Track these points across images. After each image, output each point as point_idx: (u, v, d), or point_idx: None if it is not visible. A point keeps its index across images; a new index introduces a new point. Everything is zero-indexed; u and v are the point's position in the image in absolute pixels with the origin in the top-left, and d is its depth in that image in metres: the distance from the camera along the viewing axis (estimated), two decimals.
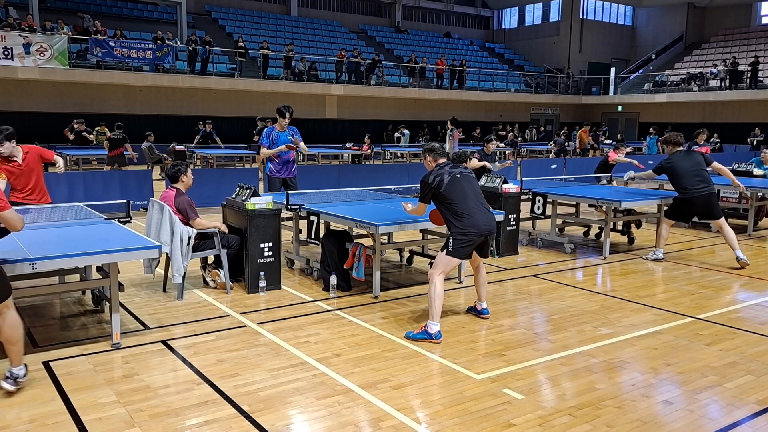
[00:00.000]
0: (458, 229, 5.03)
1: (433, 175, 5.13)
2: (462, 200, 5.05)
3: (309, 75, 25.69)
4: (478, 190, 5.25)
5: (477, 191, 5.22)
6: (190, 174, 6.30)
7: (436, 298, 4.91)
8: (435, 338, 4.85)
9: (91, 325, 5.21)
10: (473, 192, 5.16)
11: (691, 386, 4.10)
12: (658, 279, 7.01)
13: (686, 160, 7.72)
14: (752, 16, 35.00)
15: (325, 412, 3.68)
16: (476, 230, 5.04)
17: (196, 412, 3.66)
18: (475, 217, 5.04)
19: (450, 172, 5.13)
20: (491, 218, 5.22)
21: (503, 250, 7.95)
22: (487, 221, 5.13)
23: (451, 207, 5.06)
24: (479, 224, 5.04)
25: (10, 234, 5.05)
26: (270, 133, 8.02)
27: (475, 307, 5.53)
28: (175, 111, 23.51)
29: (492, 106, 31.46)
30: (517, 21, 39.85)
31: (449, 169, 5.16)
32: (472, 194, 5.14)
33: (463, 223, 5.02)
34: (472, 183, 5.21)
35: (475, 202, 5.12)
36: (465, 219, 5.02)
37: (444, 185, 5.06)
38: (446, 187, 5.05)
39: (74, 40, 21.21)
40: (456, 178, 5.11)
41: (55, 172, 7.22)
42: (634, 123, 32.82)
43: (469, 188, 5.14)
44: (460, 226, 5.02)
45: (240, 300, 5.92)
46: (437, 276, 4.99)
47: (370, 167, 17.21)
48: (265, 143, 7.99)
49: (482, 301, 5.50)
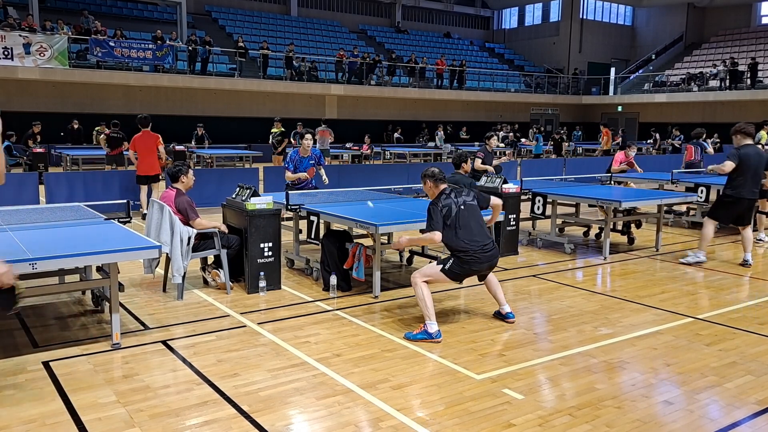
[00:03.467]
0: (458, 258, 5.06)
1: (441, 204, 5.13)
2: (469, 235, 5.06)
3: (309, 75, 25.69)
4: (482, 221, 5.25)
5: (480, 222, 5.21)
6: (191, 175, 6.30)
7: (426, 298, 4.95)
8: (435, 337, 4.85)
9: (91, 325, 5.21)
10: (477, 225, 5.15)
11: (690, 386, 4.10)
12: (658, 279, 7.01)
13: (755, 158, 7.23)
14: (752, 16, 35.00)
15: (325, 412, 3.68)
16: (477, 266, 5.09)
17: (196, 412, 3.66)
18: (479, 252, 5.05)
19: (456, 201, 5.15)
20: (495, 252, 5.21)
21: (503, 250, 7.95)
22: (490, 257, 5.14)
23: (459, 238, 5.06)
24: (483, 259, 5.07)
25: (10, 234, 5.06)
26: (293, 158, 8.11)
27: (500, 312, 5.47)
28: (175, 111, 23.51)
29: (492, 106, 31.46)
30: (517, 21, 39.86)
31: (455, 198, 5.16)
32: (476, 226, 5.14)
33: (468, 258, 5.03)
34: (475, 214, 5.20)
35: (480, 234, 5.12)
36: (469, 254, 5.03)
37: (452, 216, 5.09)
38: (453, 217, 5.08)
39: (74, 40, 21.21)
40: (461, 209, 5.12)
41: (55, 172, 7.19)
42: (634, 123, 32.83)
43: (473, 221, 5.14)
44: (464, 258, 5.04)
45: (240, 300, 5.92)
46: (420, 281, 5.05)
47: (370, 167, 17.21)
48: (290, 168, 8.08)
49: (504, 305, 5.44)
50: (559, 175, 15.76)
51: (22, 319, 5.31)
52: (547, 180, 10.82)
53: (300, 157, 8.11)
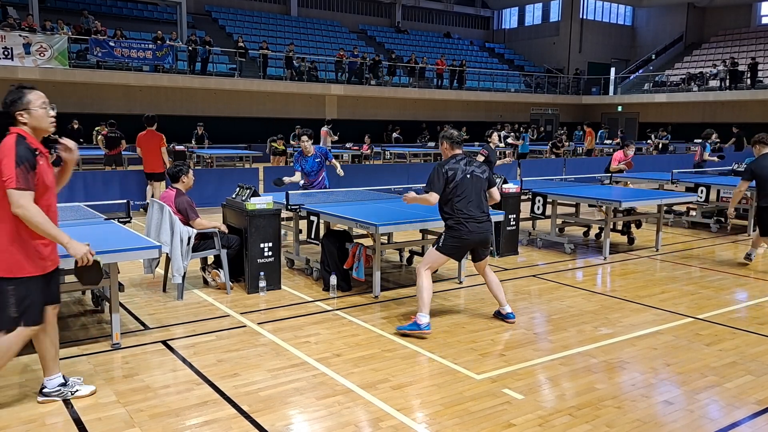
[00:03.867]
0: (452, 229, 5.06)
1: (448, 166, 5.08)
2: (464, 203, 5.04)
3: (309, 75, 25.69)
4: (481, 196, 5.20)
5: (481, 195, 5.18)
6: (191, 175, 6.30)
7: (424, 291, 4.98)
8: (424, 329, 4.87)
9: (91, 325, 5.21)
10: (477, 196, 5.13)
11: (690, 386, 4.10)
12: (657, 279, 7.01)
13: None
14: (752, 16, 35.00)
15: (325, 412, 3.67)
16: (469, 235, 5.05)
17: (196, 412, 3.66)
18: (472, 221, 5.04)
19: (464, 169, 5.09)
20: (488, 227, 5.18)
21: (503, 250, 7.95)
22: (482, 229, 5.10)
23: (453, 203, 5.05)
24: (474, 229, 5.05)
25: None
26: (298, 159, 8.11)
27: (500, 312, 5.44)
28: (175, 111, 23.50)
29: (492, 106, 31.45)
30: (517, 21, 39.86)
31: (464, 165, 5.11)
32: (476, 198, 5.11)
33: (459, 224, 5.03)
34: (479, 185, 5.16)
35: (476, 206, 5.09)
36: (461, 221, 5.03)
37: (456, 180, 5.03)
38: (457, 183, 5.03)
39: (74, 40, 21.21)
40: (467, 178, 5.07)
41: None
42: (634, 123, 32.83)
43: (474, 192, 5.10)
44: (455, 226, 5.04)
45: (240, 300, 5.92)
46: (423, 270, 5.08)
47: (370, 167, 17.20)
48: (297, 168, 8.12)
49: (504, 306, 5.40)
50: (559, 175, 15.77)
51: None
52: (547, 180, 10.82)
53: (304, 158, 8.09)
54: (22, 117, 3.39)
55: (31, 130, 3.43)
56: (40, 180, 3.36)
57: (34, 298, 3.44)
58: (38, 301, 3.47)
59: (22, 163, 3.25)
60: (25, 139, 3.36)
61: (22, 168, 3.24)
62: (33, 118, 3.41)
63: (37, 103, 3.42)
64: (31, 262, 3.39)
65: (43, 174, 3.38)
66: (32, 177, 3.28)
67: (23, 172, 3.24)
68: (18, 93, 3.42)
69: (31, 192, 3.28)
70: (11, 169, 3.23)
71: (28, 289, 3.40)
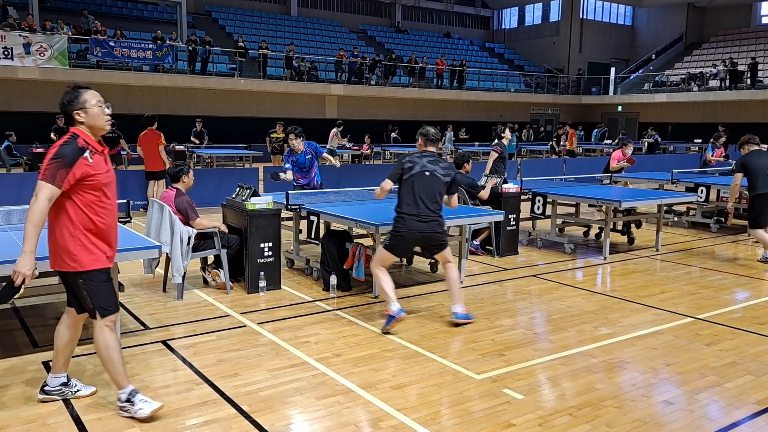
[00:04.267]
0: (394, 224, 5.14)
1: (409, 158, 5.11)
2: (411, 197, 5.02)
3: (309, 75, 25.69)
4: (435, 195, 5.07)
5: (432, 195, 5.06)
6: (191, 175, 6.31)
7: (384, 285, 5.10)
8: (398, 314, 4.92)
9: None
10: (427, 194, 5.03)
11: (690, 386, 4.10)
12: (657, 279, 7.02)
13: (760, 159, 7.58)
14: (752, 16, 35.00)
15: (325, 412, 3.68)
16: (407, 232, 5.07)
17: (196, 412, 3.66)
18: (412, 218, 5.03)
19: (424, 165, 5.06)
20: (434, 226, 5.07)
21: (503, 250, 7.96)
22: (424, 228, 5.04)
23: (401, 196, 5.09)
24: (414, 227, 5.03)
25: (10, 234, 5.07)
26: (289, 158, 8.01)
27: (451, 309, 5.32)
28: (175, 111, 23.49)
29: (492, 106, 31.45)
30: (517, 21, 39.86)
31: (426, 162, 5.08)
32: (425, 196, 5.03)
33: (399, 220, 5.09)
34: (433, 185, 5.07)
35: (422, 203, 5.01)
36: (403, 216, 5.07)
37: (411, 173, 5.03)
38: (412, 175, 5.03)
39: (74, 40, 21.20)
40: (424, 174, 5.04)
41: None
42: (634, 123, 32.84)
43: (426, 189, 5.03)
44: (395, 222, 5.12)
45: (240, 300, 5.92)
46: (375, 268, 5.21)
47: (370, 167, 17.20)
48: (288, 167, 8.00)
49: (454, 304, 5.23)
50: (559, 175, 15.77)
51: (22, 319, 5.31)
52: (547, 180, 10.83)
53: (295, 156, 8.03)
54: (79, 116, 3.44)
55: (88, 129, 3.47)
56: (89, 176, 3.36)
57: (104, 289, 3.48)
58: (107, 291, 3.51)
59: (58, 159, 3.29)
60: (78, 137, 3.39)
61: (56, 163, 3.27)
62: (89, 117, 3.45)
63: (92, 101, 3.45)
64: (90, 255, 3.42)
65: (93, 171, 3.38)
66: (64, 174, 3.27)
67: (54, 167, 3.27)
68: (74, 93, 3.47)
69: (53, 188, 3.27)
70: (47, 162, 3.30)
71: (94, 282, 3.45)
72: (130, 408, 3.56)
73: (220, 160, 20.19)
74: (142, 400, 3.58)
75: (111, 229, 3.54)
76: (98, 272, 3.46)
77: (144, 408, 3.54)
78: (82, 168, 3.33)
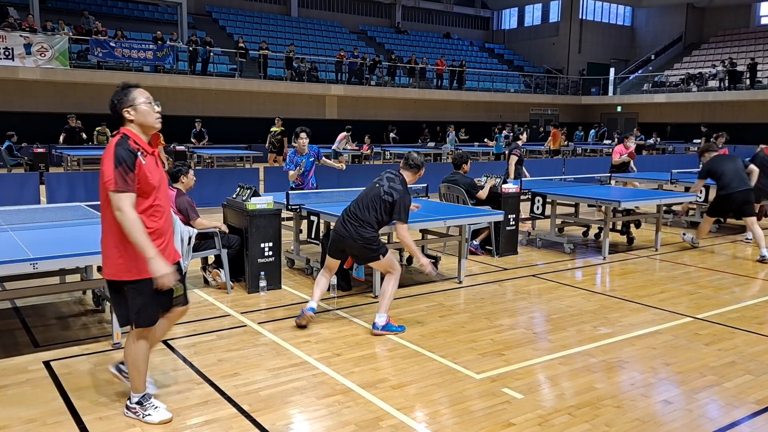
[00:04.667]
0: None
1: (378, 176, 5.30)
2: (352, 203, 5.20)
3: (309, 75, 25.70)
4: (369, 204, 5.05)
5: (366, 204, 5.07)
6: (191, 175, 6.31)
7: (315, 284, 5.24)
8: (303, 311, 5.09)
9: (92, 324, 5.22)
10: (361, 201, 5.13)
11: (690, 386, 4.11)
12: (657, 279, 7.03)
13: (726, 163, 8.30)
14: (751, 16, 35.02)
15: (325, 412, 3.69)
16: (333, 232, 5.24)
17: (197, 411, 3.67)
18: (339, 221, 5.16)
19: (380, 181, 5.20)
20: (351, 233, 4.98)
21: (503, 250, 7.97)
22: (340, 231, 5.07)
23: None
24: (337, 228, 5.15)
25: (11, 234, 5.08)
26: (293, 159, 8.06)
27: None
28: (175, 111, 23.46)
29: (492, 107, 31.47)
30: (516, 21, 39.88)
31: (385, 179, 5.19)
32: (359, 201, 5.16)
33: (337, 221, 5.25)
34: (372, 193, 5.10)
35: (352, 207, 5.15)
36: (338, 218, 5.24)
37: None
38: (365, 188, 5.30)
39: (75, 41, 21.22)
40: (373, 186, 5.21)
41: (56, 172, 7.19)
42: (634, 123, 32.86)
43: (364, 196, 5.17)
44: None
45: (240, 300, 5.93)
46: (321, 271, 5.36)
47: (370, 167, 17.21)
48: (291, 168, 8.01)
49: (378, 314, 5.03)
50: (558, 175, 15.77)
51: (23, 318, 5.32)
52: (546, 180, 10.83)
53: (300, 158, 8.07)
54: (129, 114, 3.37)
55: (138, 128, 3.41)
56: (144, 180, 3.29)
57: (146, 301, 3.37)
58: (150, 303, 3.40)
59: (120, 165, 3.20)
60: (129, 138, 3.33)
61: (120, 170, 3.19)
62: (139, 114, 3.38)
63: (141, 99, 3.39)
64: (138, 265, 3.29)
65: (147, 173, 3.31)
66: (131, 178, 3.23)
67: (121, 174, 3.19)
68: (123, 91, 3.40)
69: (130, 194, 3.22)
70: (110, 171, 3.20)
71: (138, 292, 3.35)
72: (138, 410, 3.51)
73: (220, 161, 20.20)
74: (154, 406, 3.54)
75: (164, 234, 3.43)
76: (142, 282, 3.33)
77: (153, 415, 3.49)
78: (139, 169, 3.26)
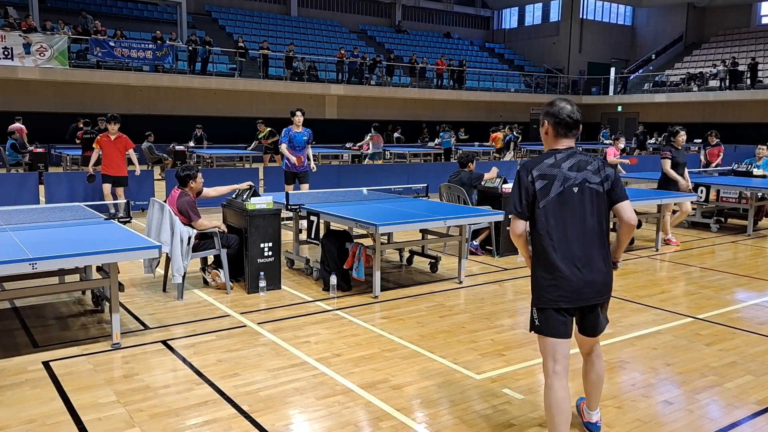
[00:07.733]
0: None
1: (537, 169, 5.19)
2: (561, 233, 4.89)
3: (309, 75, 25.69)
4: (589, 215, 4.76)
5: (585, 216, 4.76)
6: (200, 179, 6.31)
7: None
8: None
9: (91, 325, 5.21)
10: (574, 220, 4.81)
11: (690, 386, 4.10)
12: (657, 279, 7.02)
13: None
14: (752, 16, 34.99)
15: (325, 412, 3.68)
16: (569, 290, 4.71)
17: (196, 412, 3.66)
18: (567, 265, 4.67)
19: (564, 178, 4.84)
20: (598, 269, 4.65)
21: (503, 249, 7.95)
22: (587, 276, 4.73)
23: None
24: (570, 277, 4.49)
25: (10, 234, 5.07)
26: (288, 133, 8.91)
27: None
28: (175, 111, 23.51)
29: (492, 106, 31.46)
30: (517, 21, 39.86)
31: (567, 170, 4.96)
32: (573, 224, 4.71)
33: None
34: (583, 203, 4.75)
35: (574, 235, 4.59)
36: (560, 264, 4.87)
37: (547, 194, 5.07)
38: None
39: (74, 40, 21.20)
40: (570, 190, 4.73)
41: (55, 172, 7.19)
42: (634, 123, 32.83)
43: (573, 213, 4.75)
44: None
45: (240, 300, 5.92)
46: None
47: (370, 167, 17.20)
48: (285, 141, 8.89)
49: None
50: None
51: (22, 319, 5.31)
52: None
53: (294, 132, 8.85)
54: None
55: None
56: None
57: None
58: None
59: None
60: None
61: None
62: None
63: None
64: None
65: None
66: None
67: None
68: None
69: None
70: None
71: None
72: None
73: (220, 160, 20.20)
74: None
75: None
76: None
77: None
78: None
